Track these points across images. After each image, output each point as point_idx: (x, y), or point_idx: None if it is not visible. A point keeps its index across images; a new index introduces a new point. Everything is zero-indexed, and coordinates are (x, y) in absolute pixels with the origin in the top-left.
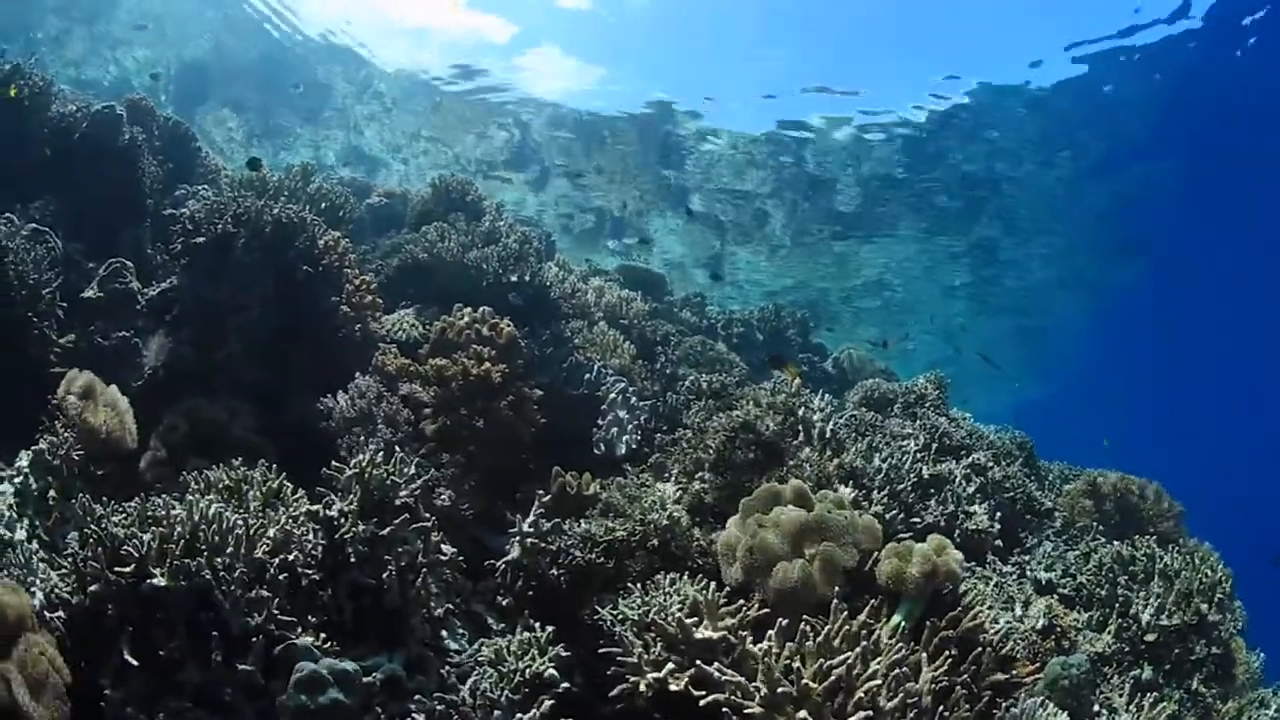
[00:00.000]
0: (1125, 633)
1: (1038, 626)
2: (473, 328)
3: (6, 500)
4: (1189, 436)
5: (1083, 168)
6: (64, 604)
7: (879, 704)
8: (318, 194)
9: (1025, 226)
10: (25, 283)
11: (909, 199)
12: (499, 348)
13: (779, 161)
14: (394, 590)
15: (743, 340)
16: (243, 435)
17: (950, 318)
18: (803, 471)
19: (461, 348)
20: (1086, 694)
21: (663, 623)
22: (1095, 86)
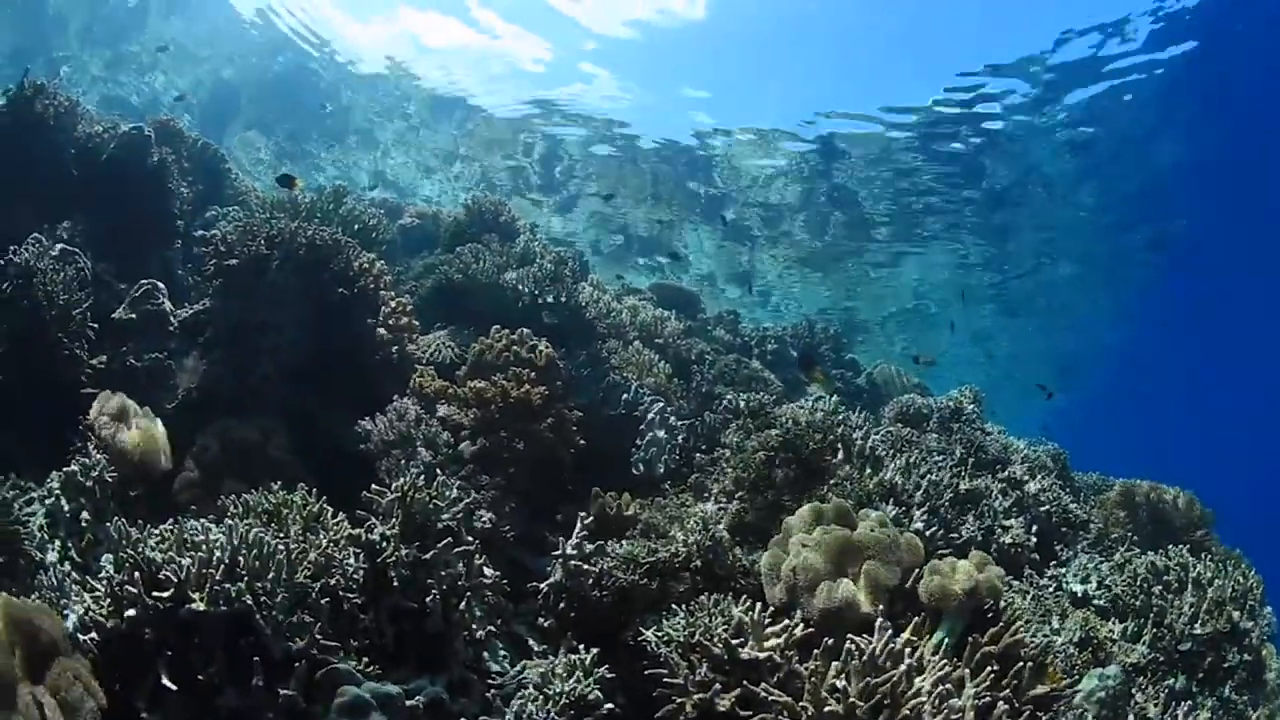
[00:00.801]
0: (1160, 642)
1: (1074, 639)
2: (511, 349)
3: (37, 521)
4: (1217, 439)
5: (1103, 163)
6: (98, 627)
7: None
8: (350, 216)
9: (1049, 227)
10: (55, 303)
11: (936, 204)
12: (538, 369)
13: (809, 173)
14: (437, 614)
15: (777, 357)
16: (277, 456)
17: (978, 320)
18: (843, 490)
19: (500, 369)
20: (1122, 705)
21: (708, 643)
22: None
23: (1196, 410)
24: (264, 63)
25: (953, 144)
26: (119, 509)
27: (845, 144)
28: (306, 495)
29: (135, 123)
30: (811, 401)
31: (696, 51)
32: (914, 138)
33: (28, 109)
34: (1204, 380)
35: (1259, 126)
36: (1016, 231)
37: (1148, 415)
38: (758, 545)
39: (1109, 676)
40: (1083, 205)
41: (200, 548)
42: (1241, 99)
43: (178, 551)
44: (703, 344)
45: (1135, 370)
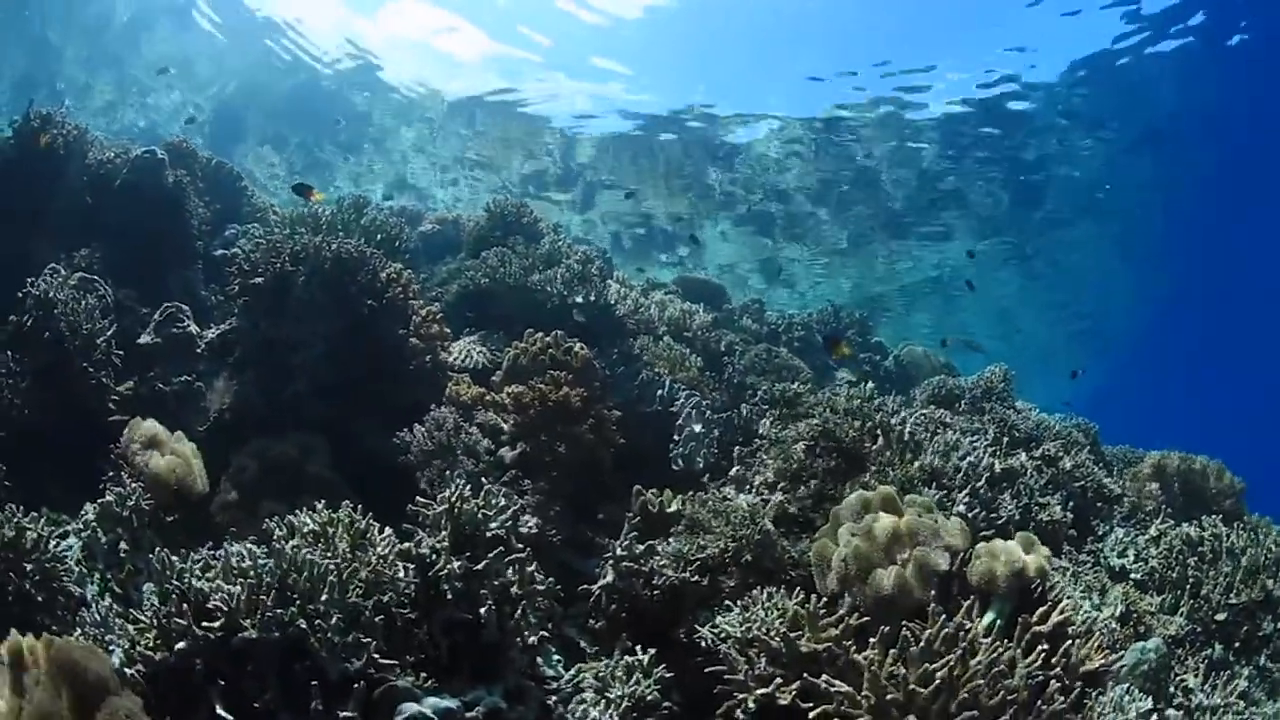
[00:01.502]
0: (1196, 613)
1: (1116, 614)
2: (546, 352)
3: (74, 555)
4: (1240, 411)
5: (1124, 143)
6: (146, 661)
7: (981, 703)
8: (372, 226)
9: (1072, 205)
10: (78, 332)
11: (958, 185)
12: (575, 371)
13: (826, 158)
14: (492, 624)
15: (804, 344)
16: (316, 473)
17: (1001, 298)
18: (885, 476)
19: (537, 373)
20: (1164, 677)
21: (766, 638)
22: (1136, 57)
23: (1218, 382)
24: (271, 77)
25: (968, 121)
26: (157, 537)
27: (859, 126)
28: (352, 512)
29: (147, 146)
30: (847, 388)
31: (705, 38)
32: (930, 118)
33: (36, 140)
34: (1225, 352)
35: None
36: (1035, 202)
37: (1170, 388)
38: (802, 536)
39: (1150, 649)
40: (1099, 171)
41: (248, 574)
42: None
43: (225, 579)
44: (731, 335)
45: (1157, 343)
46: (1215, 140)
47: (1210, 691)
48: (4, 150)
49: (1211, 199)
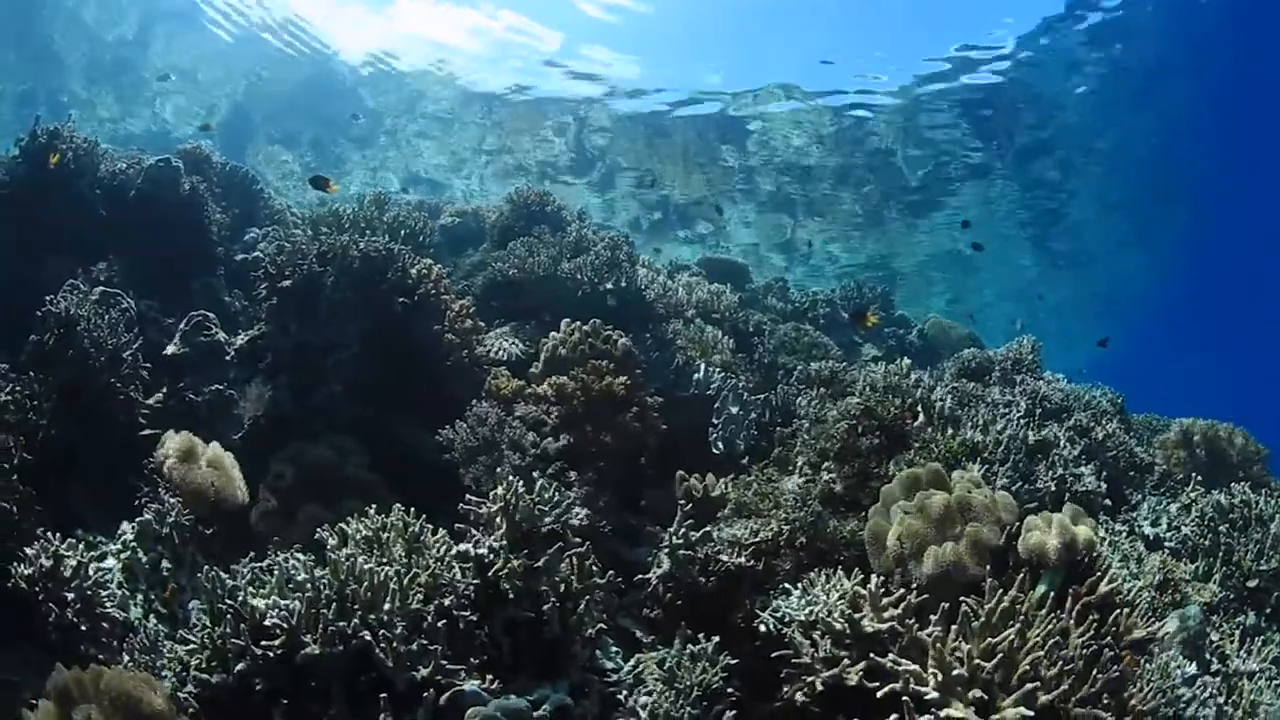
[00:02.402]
0: (1229, 580)
1: (1154, 582)
2: (586, 342)
3: (115, 578)
4: (1258, 376)
5: (1124, 101)
6: (202, 685)
7: (1041, 673)
8: (396, 222)
9: (1080, 173)
10: (103, 348)
11: (967, 154)
12: (616, 359)
13: (839, 133)
14: (554, 621)
15: (829, 321)
16: (356, 475)
17: (1020, 271)
18: (929, 452)
19: (577, 363)
20: (1201, 643)
21: (830, 620)
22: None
23: (1235, 348)
24: (277, 76)
25: (977, 94)
26: (198, 551)
27: (872, 101)
28: (404, 515)
29: (161, 155)
30: (884, 365)
31: (713, 16)
32: (940, 90)
33: (45, 159)
34: (1241, 319)
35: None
36: (1045, 171)
37: (1183, 355)
38: (848, 515)
39: (1189, 617)
40: (1106, 143)
41: (305, 587)
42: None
43: (281, 594)
44: (759, 315)
45: (1172, 311)
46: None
47: (1245, 657)
48: (14, 169)
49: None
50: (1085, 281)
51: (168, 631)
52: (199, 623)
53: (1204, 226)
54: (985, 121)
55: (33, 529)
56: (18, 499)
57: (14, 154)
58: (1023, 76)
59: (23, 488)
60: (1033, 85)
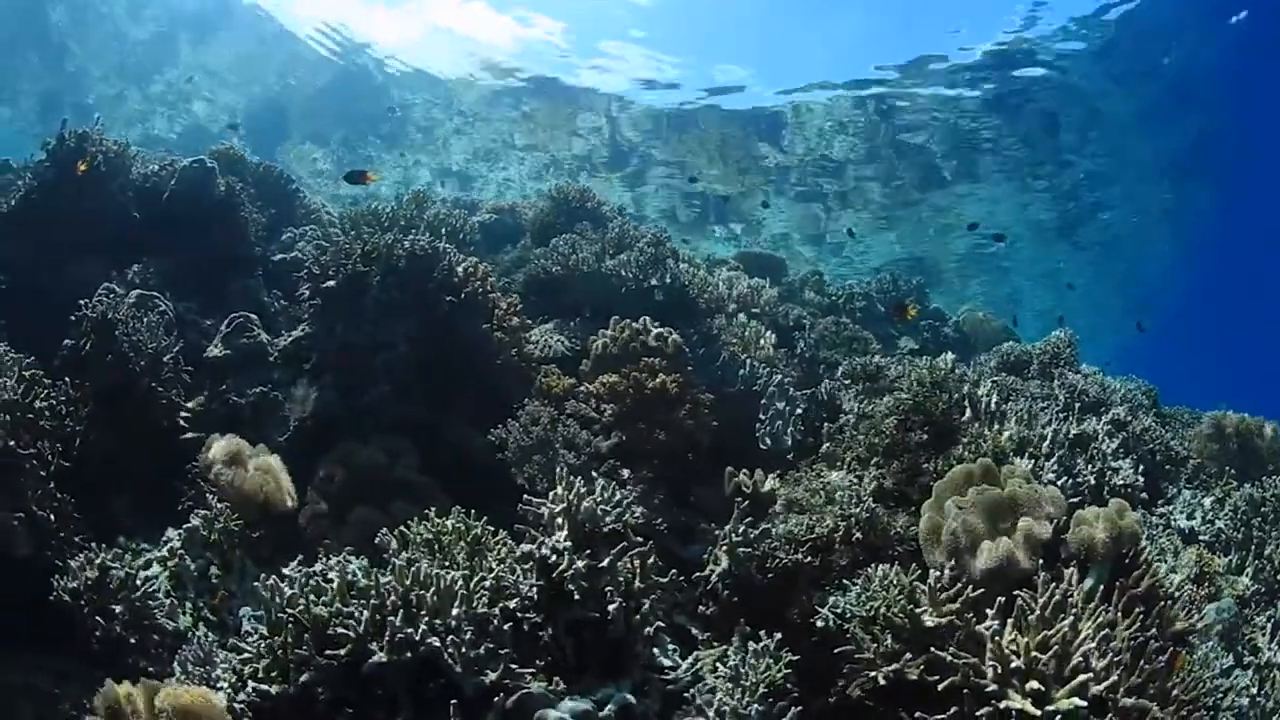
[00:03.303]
0: (1261, 574)
1: (1191, 575)
2: (637, 339)
3: (162, 586)
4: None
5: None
6: (262, 695)
7: (1092, 665)
8: (437, 220)
9: (1108, 162)
10: (143, 352)
11: (993, 142)
12: (667, 357)
13: (867, 123)
14: (619, 621)
15: (865, 314)
16: (406, 476)
17: (1051, 261)
18: (977, 448)
19: (628, 361)
20: (1235, 636)
21: (891, 615)
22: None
23: (1263, 339)
24: (308, 75)
25: (1006, 84)
26: (245, 554)
27: (901, 92)
28: (464, 517)
29: (195, 157)
30: (928, 360)
31: (746, 6)
32: (970, 79)
33: (73, 159)
34: (1269, 309)
35: None
36: (1073, 160)
37: (1214, 346)
38: (898, 510)
39: (1224, 610)
40: (1133, 131)
41: (369, 594)
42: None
43: (344, 601)
44: (798, 309)
45: (1199, 302)
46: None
47: (1276, 650)
48: (42, 174)
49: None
50: (1111, 272)
51: (219, 640)
52: (254, 631)
53: (1231, 216)
54: (1015, 111)
55: (72, 537)
56: (55, 508)
57: (41, 158)
58: (1053, 65)
59: (61, 496)
60: (1064, 75)
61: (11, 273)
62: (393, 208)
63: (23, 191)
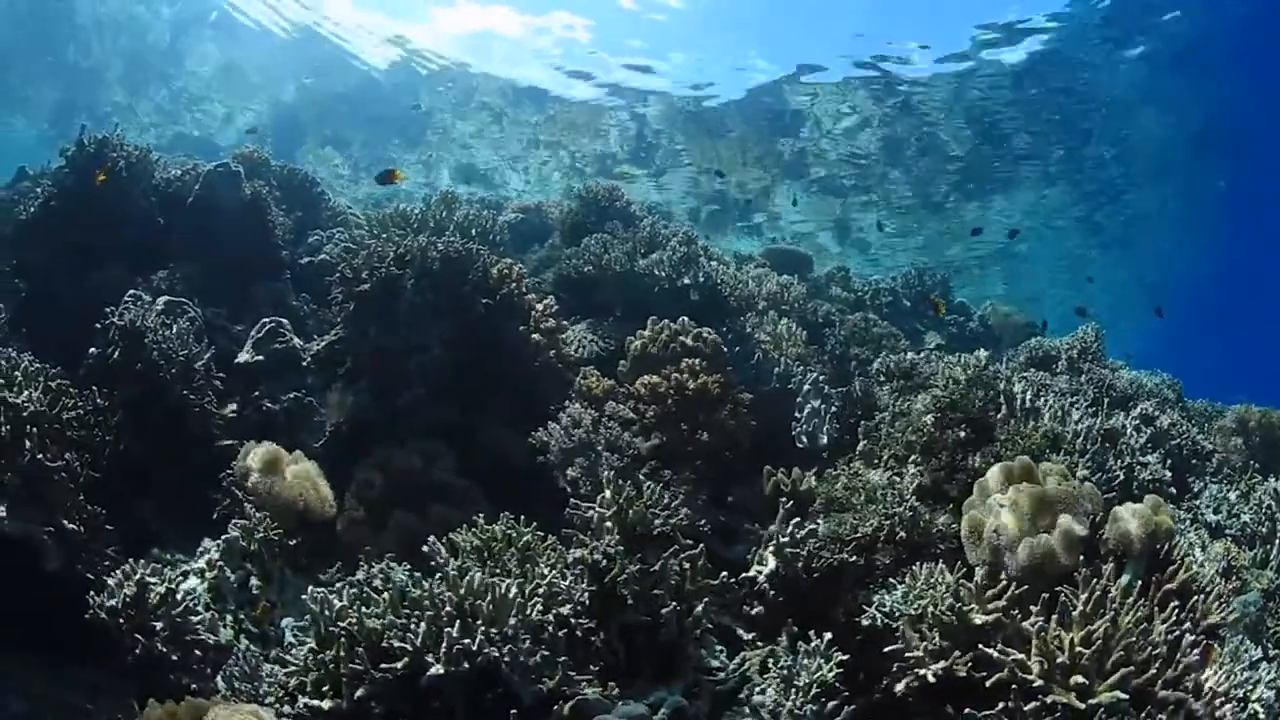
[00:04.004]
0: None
1: (1220, 570)
2: (676, 340)
3: (201, 599)
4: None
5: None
6: (314, 711)
7: (1133, 658)
8: (466, 221)
9: (1127, 150)
10: (174, 360)
11: (1015, 133)
12: (707, 357)
13: (889, 114)
14: (671, 624)
15: (892, 309)
16: (445, 479)
17: (1070, 251)
18: (1014, 445)
19: (668, 361)
20: (1260, 628)
21: (939, 613)
22: None
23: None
24: (326, 78)
25: (1023, 70)
26: (285, 564)
27: (920, 84)
28: (513, 523)
29: (219, 161)
30: (962, 357)
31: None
32: (988, 66)
33: (93, 165)
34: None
35: None
36: (1094, 154)
37: (1234, 337)
38: (936, 508)
39: (1251, 603)
40: (1152, 117)
41: (423, 604)
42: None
43: (397, 613)
44: (827, 305)
45: (1218, 294)
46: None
47: None
48: (62, 180)
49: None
50: (1131, 264)
51: (262, 652)
52: (300, 643)
53: (1249, 204)
54: (1033, 100)
55: (103, 549)
56: (86, 519)
57: (60, 164)
58: (1067, 50)
59: (91, 507)
60: (1078, 59)
61: (33, 279)
62: (421, 209)
63: (43, 198)
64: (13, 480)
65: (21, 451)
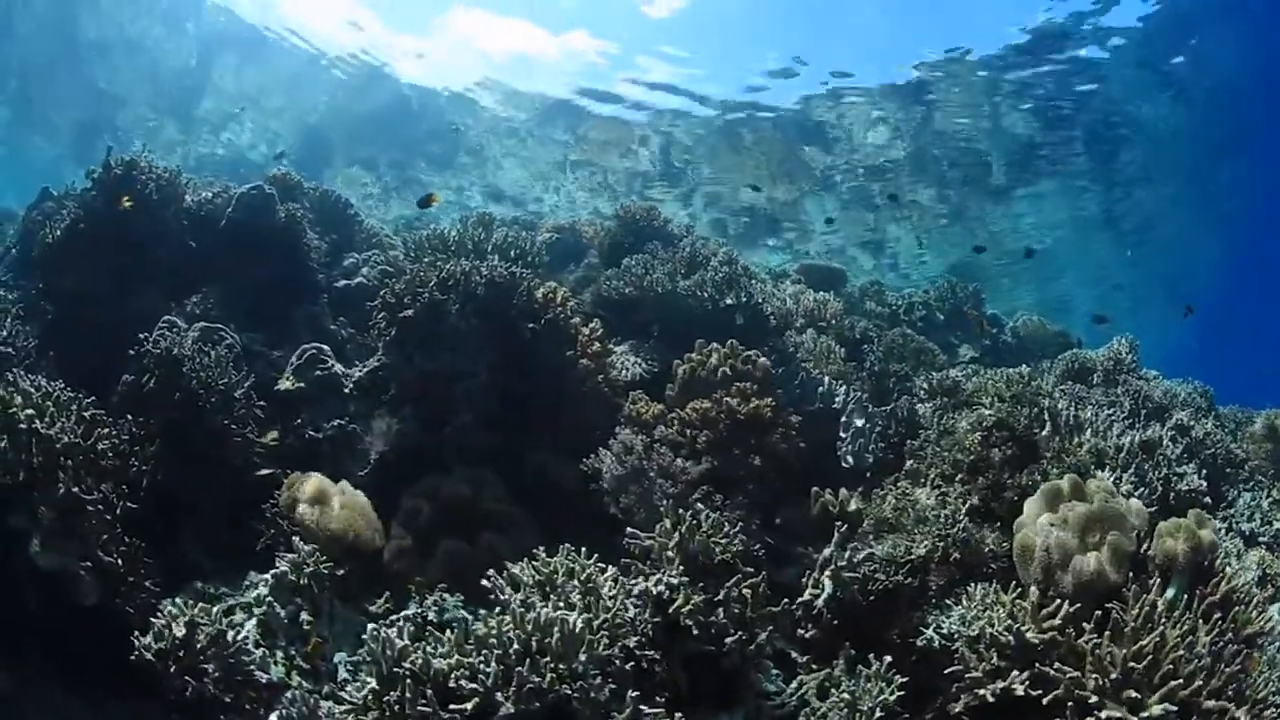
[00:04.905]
0: None
1: (1254, 578)
2: (727, 363)
3: (250, 636)
4: None
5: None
6: None
7: (1180, 670)
8: (505, 243)
9: (1149, 155)
10: (213, 389)
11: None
12: (757, 380)
13: (915, 124)
14: (735, 653)
15: (926, 322)
16: (494, 508)
17: (1096, 259)
18: (1062, 463)
19: (719, 386)
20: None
21: (996, 634)
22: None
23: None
24: (352, 100)
25: (1046, 79)
26: (335, 597)
27: (943, 91)
28: (574, 555)
29: (253, 184)
30: (1004, 373)
31: (775, 15)
32: (1012, 76)
33: (121, 187)
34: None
35: None
36: (1118, 158)
37: (1259, 341)
38: (984, 526)
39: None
40: (1173, 126)
41: (490, 643)
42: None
43: (462, 652)
44: (863, 321)
45: (1242, 296)
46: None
47: None
48: (89, 203)
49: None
50: (1157, 268)
51: (315, 689)
52: (354, 679)
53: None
54: (1055, 110)
55: (142, 582)
56: (124, 552)
57: (87, 186)
58: (1087, 57)
59: (129, 539)
60: (1097, 66)
61: (60, 303)
62: (459, 231)
63: (69, 221)
64: (47, 513)
65: (55, 483)
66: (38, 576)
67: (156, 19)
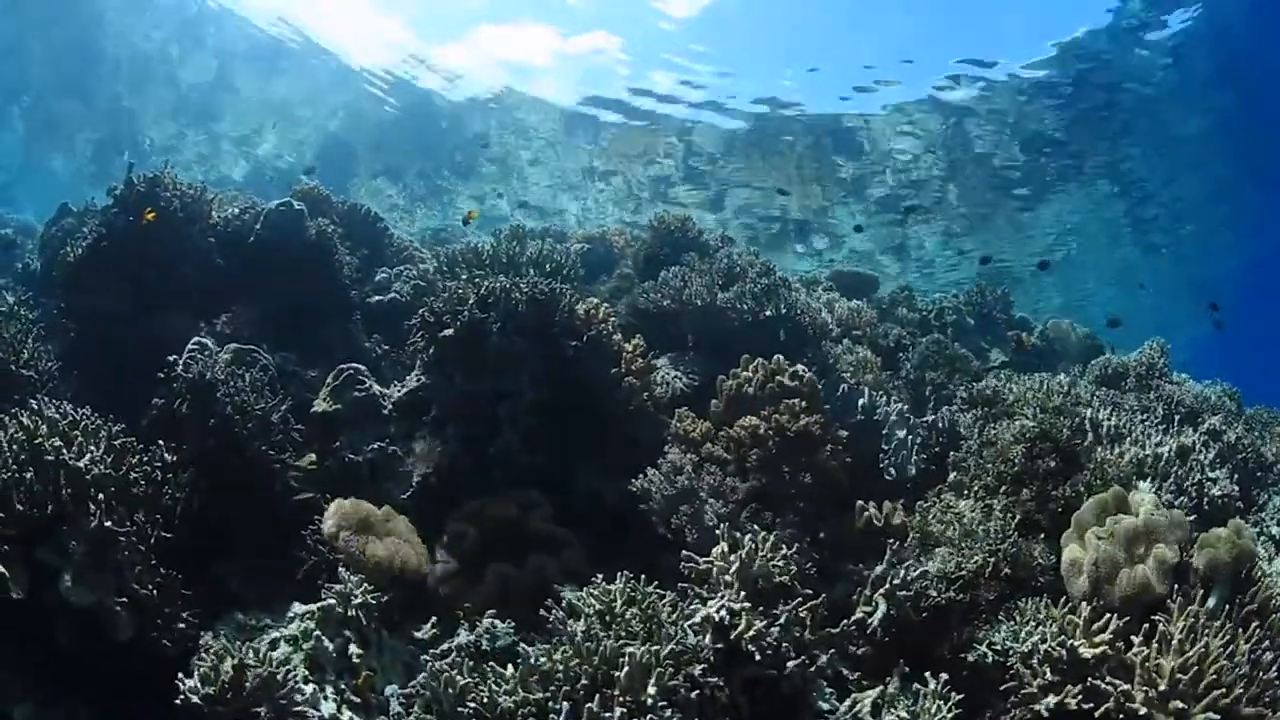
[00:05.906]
0: None
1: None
2: (774, 379)
3: (299, 672)
4: None
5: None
6: None
7: (1221, 679)
8: (540, 257)
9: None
10: (249, 414)
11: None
12: (806, 397)
13: (943, 132)
14: (795, 676)
15: (956, 328)
16: (541, 529)
17: (1121, 258)
18: (1104, 474)
19: (767, 402)
20: None
21: (1049, 648)
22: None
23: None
24: (376, 110)
25: (1068, 85)
26: (382, 625)
27: (972, 98)
28: (633, 583)
29: (281, 199)
30: (1044, 382)
31: (803, 20)
32: (1035, 82)
33: (144, 204)
34: None
35: None
36: (1136, 155)
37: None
38: (1029, 539)
39: None
40: (1194, 123)
41: (554, 677)
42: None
43: (526, 688)
44: (897, 329)
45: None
46: None
47: None
48: (112, 220)
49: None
50: (1179, 269)
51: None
52: (408, 712)
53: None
54: (1080, 113)
55: (178, 614)
56: (159, 584)
57: (108, 203)
58: (1113, 62)
59: (165, 570)
60: (1120, 71)
61: (83, 322)
62: (492, 245)
63: (91, 238)
64: (78, 548)
65: (86, 516)
66: (69, 612)
67: (172, 35)
